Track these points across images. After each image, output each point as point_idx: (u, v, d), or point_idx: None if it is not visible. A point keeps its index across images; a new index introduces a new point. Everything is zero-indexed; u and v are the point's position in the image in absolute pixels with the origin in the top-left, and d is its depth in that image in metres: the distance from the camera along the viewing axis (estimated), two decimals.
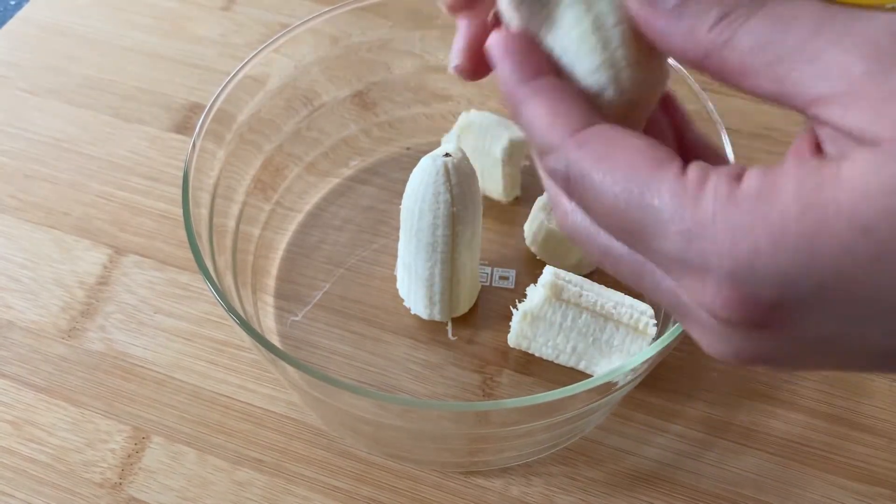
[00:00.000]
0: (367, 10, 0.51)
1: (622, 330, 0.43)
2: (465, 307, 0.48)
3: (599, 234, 0.24)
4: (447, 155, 0.42)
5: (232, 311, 0.38)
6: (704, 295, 0.21)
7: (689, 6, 0.22)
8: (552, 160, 0.23)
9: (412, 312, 0.48)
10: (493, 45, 0.25)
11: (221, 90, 0.46)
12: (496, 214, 0.53)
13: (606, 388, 0.37)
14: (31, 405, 0.46)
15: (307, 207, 0.54)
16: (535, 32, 0.25)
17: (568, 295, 0.43)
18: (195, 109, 0.60)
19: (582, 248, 0.26)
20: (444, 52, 0.57)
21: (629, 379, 0.38)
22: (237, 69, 0.47)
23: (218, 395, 0.46)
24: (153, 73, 0.62)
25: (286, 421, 0.45)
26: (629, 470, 0.44)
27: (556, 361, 0.45)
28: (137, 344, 0.48)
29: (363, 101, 0.57)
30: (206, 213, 0.44)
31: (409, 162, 0.55)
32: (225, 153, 0.47)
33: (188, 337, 0.49)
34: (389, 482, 0.44)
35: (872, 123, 0.19)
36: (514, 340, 0.46)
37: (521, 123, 0.25)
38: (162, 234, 0.53)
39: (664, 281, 0.23)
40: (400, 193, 0.44)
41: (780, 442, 0.45)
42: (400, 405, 0.39)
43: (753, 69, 0.21)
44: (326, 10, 0.50)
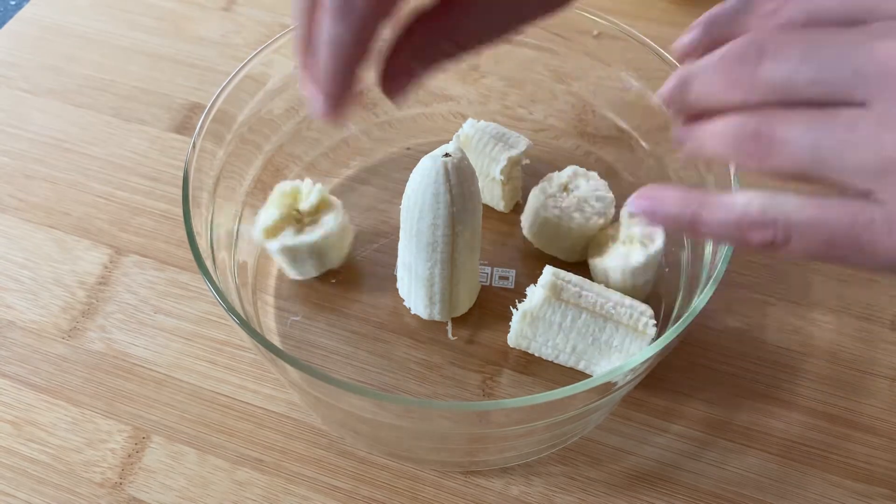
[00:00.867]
0: None
1: (622, 330, 0.43)
2: (464, 307, 0.48)
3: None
4: (447, 155, 0.42)
5: (232, 310, 0.38)
6: None
7: None
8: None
9: (412, 312, 0.48)
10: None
11: (221, 90, 0.46)
12: (497, 216, 0.53)
13: (606, 388, 0.37)
14: (31, 405, 0.46)
15: None
16: None
17: (567, 295, 0.43)
18: (195, 109, 0.60)
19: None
20: None
21: (629, 379, 0.38)
22: (237, 69, 0.47)
23: (218, 394, 0.46)
24: (153, 73, 0.62)
25: (286, 421, 0.46)
26: (629, 470, 0.44)
27: (555, 361, 0.46)
28: (138, 344, 0.48)
29: (363, 101, 0.57)
30: (206, 213, 0.44)
31: (409, 162, 0.55)
32: (225, 153, 0.47)
33: (188, 337, 0.49)
34: (389, 482, 0.44)
35: None
36: (513, 340, 0.46)
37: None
38: (162, 233, 0.53)
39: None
40: (400, 193, 0.44)
41: (779, 442, 0.45)
42: (400, 405, 0.39)
43: None
44: None
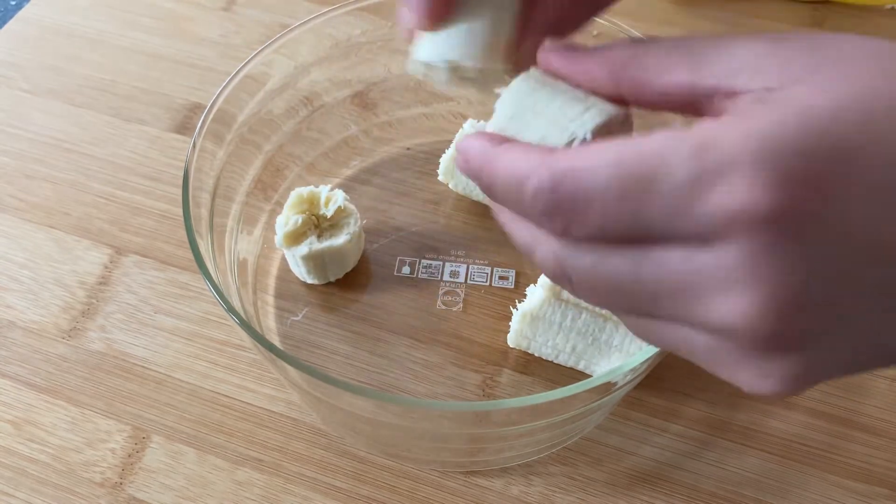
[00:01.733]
0: (367, 10, 0.51)
1: (622, 329, 0.43)
2: None
3: (593, 251, 0.23)
4: None
5: (232, 310, 0.38)
6: (733, 195, 0.19)
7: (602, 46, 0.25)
8: (534, 181, 0.22)
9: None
10: (463, 142, 0.27)
11: (222, 90, 0.46)
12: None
13: (606, 388, 0.37)
14: (31, 405, 0.46)
15: None
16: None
17: (567, 294, 0.43)
18: (195, 110, 0.60)
19: (580, 287, 0.24)
20: None
21: (629, 379, 0.38)
22: (237, 69, 0.47)
23: (218, 394, 0.46)
24: (154, 73, 0.62)
25: (286, 421, 0.46)
26: (629, 470, 0.44)
27: (555, 361, 0.46)
28: (138, 344, 0.48)
29: (363, 101, 0.57)
30: (206, 213, 0.44)
31: (408, 162, 0.55)
32: (225, 153, 0.47)
33: (188, 337, 0.49)
34: (389, 482, 0.44)
35: (780, 76, 0.21)
36: (513, 340, 0.46)
37: (494, 182, 0.25)
38: (162, 234, 0.53)
39: (671, 260, 0.21)
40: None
41: (779, 442, 0.45)
42: (400, 405, 0.39)
43: (672, 63, 0.23)
44: (326, 10, 0.50)
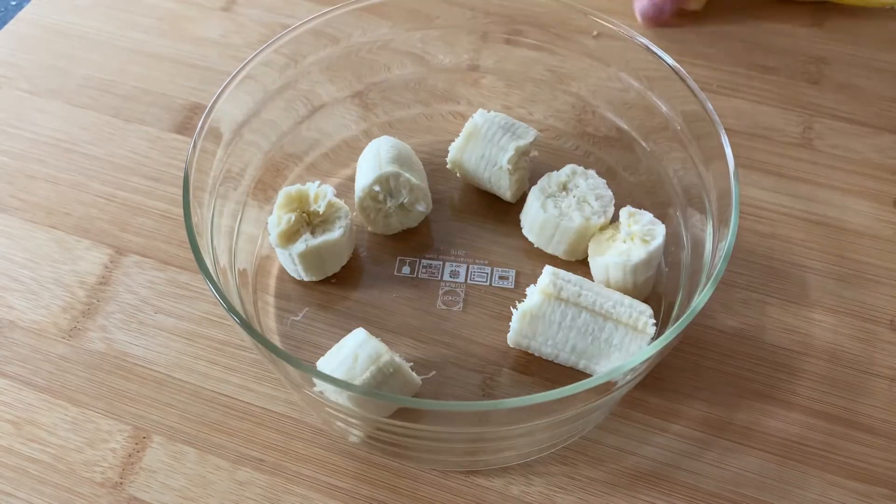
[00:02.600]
0: (367, 10, 0.51)
1: (621, 329, 0.43)
2: None
3: None
4: None
5: (232, 310, 0.38)
6: None
7: None
8: None
9: None
10: None
11: (222, 90, 0.46)
12: (499, 215, 0.53)
13: (606, 387, 0.37)
14: (32, 405, 0.46)
15: None
16: None
17: (567, 294, 0.43)
18: (196, 110, 0.60)
19: None
20: (444, 52, 0.57)
21: (628, 378, 0.38)
22: (237, 69, 0.47)
23: (218, 394, 0.46)
24: (154, 73, 0.62)
25: (286, 420, 0.46)
26: (629, 469, 0.44)
27: (555, 361, 0.46)
28: (138, 343, 0.48)
29: (363, 101, 0.57)
30: (206, 213, 0.44)
31: None
32: (225, 153, 0.47)
33: (189, 337, 0.49)
34: (389, 481, 0.44)
35: None
36: (513, 340, 0.46)
37: None
38: (162, 233, 0.53)
39: None
40: None
41: (779, 441, 0.45)
42: (400, 405, 0.39)
43: None
44: (326, 10, 0.50)
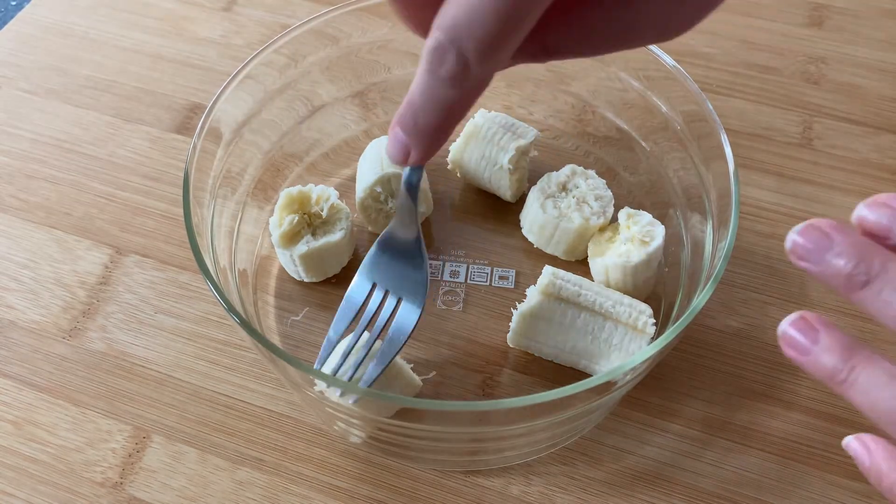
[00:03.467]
0: (367, 10, 0.51)
1: (621, 328, 0.43)
2: None
3: None
4: None
5: (232, 310, 0.38)
6: None
7: None
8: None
9: None
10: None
11: (222, 90, 0.46)
12: (499, 215, 0.53)
13: (606, 387, 0.37)
14: (32, 405, 0.46)
15: None
16: None
17: (567, 294, 0.43)
18: (196, 110, 0.60)
19: None
20: None
21: (628, 378, 0.38)
22: (237, 69, 0.47)
23: (218, 394, 0.47)
24: (154, 73, 0.62)
25: (286, 421, 0.46)
26: (628, 469, 0.44)
27: (555, 361, 0.46)
28: (138, 343, 0.48)
29: (363, 101, 0.57)
30: (206, 213, 0.44)
31: None
32: (225, 153, 0.47)
33: (189, 336, 0.49)
34: (389, 481, 0.44)
35: None
36: (513, 340, 0.46)
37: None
38: (163, 233, 0.53)
39: None
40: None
41: (779, 441, 0.45)
42: (400, 405, 0.39)
43: None
44: (326, 10, 0.50)
